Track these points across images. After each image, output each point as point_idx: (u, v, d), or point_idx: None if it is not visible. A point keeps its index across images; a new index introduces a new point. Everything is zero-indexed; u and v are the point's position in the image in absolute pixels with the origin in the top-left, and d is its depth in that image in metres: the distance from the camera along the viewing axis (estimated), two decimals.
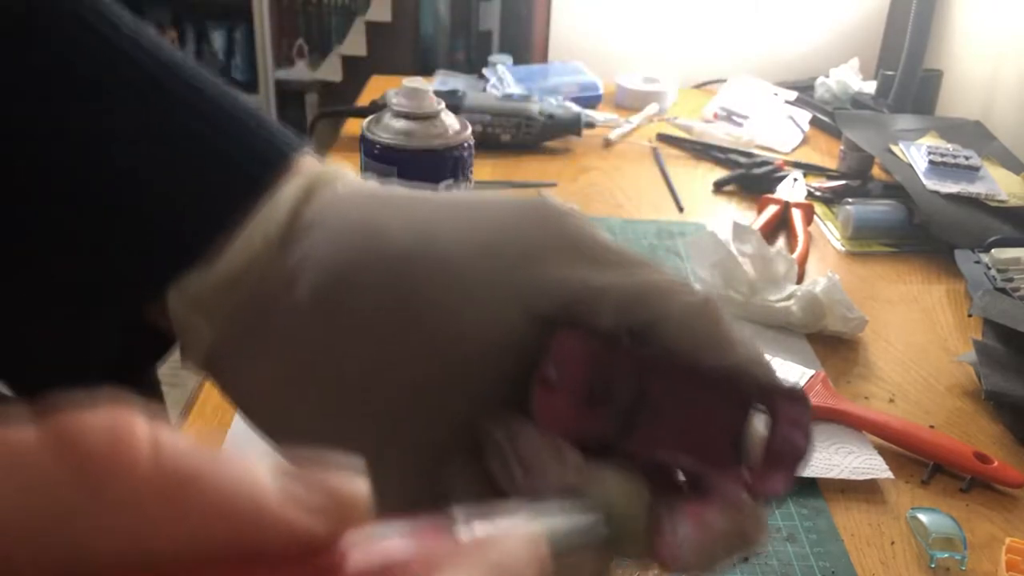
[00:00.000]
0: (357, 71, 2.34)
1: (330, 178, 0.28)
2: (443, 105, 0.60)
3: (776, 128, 1.15)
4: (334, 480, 0.14)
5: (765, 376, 0.26)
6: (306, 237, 0.26)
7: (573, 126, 1.07)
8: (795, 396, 0.26)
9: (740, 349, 0.25)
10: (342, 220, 0.26)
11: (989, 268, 0.78)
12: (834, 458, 0.58)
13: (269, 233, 0.26)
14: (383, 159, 0.60)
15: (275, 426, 0.27)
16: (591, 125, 1.10)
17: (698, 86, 1.36)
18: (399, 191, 0.28)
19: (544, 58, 1.57)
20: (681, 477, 0.26)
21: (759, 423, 0.26)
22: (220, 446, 0.30)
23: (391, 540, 0.15)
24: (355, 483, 0.15)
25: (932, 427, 0.62)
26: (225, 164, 0.27)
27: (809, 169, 1.04)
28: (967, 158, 0.94)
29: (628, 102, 1.24)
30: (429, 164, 0.59)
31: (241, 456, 0.13)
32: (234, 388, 0.27)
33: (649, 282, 0.25)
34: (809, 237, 0.88)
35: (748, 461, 0.26)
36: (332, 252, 0.25)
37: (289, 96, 2.46)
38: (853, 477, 0.57)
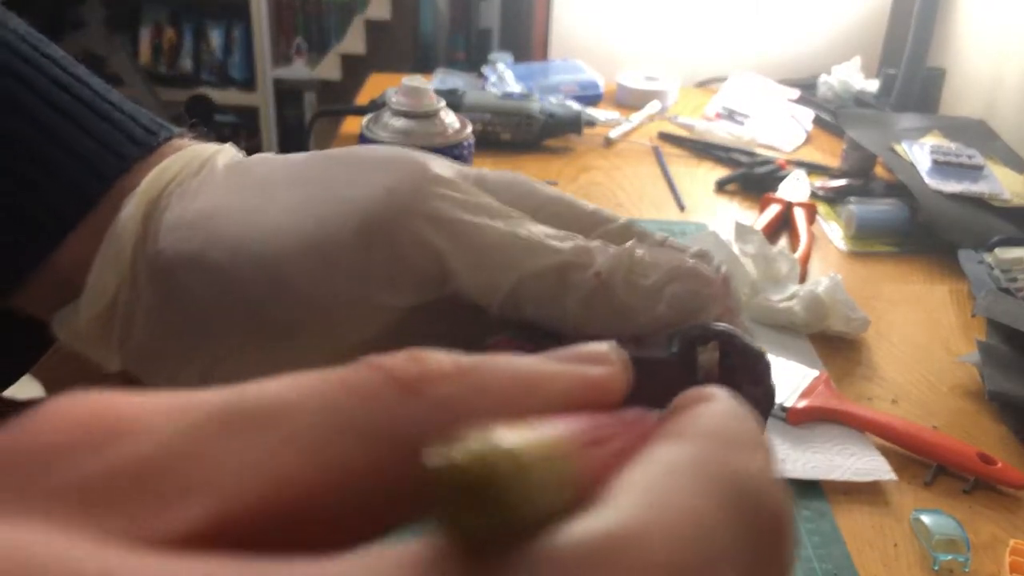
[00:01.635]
0: (356, 69, 2.33)
1: (167, 191, 0.27)
2: (443, 103, 0.60)
3: (778, 127, 1.15)
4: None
5: (705, 330, 0.23)
6: (156, 279, 0.26)
7: (573, 125, 1.07)
8: (746, 350, 0.23)
9: (658, 307, 0.23)
10: (182, 258, 0.26)
11: (993, 268, 0.78)
12: (836, 459, 0.58)
13: (119, 271, 0.26)
14: None
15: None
16: (592, 124, 1.10)
17: (699, 84, 1.36)
18: (238, 198, 0.26)
19: (544, 56, 1.57)
20: None
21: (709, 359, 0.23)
22: None
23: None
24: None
25: (935, 428, 0.61)
26: (58, 170, 0.27)
27: (811, 168, 1.04)
28: (970, 157, 0.94)
29: (629, 100, 1.23)
30: None
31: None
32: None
33: (526, 278, 0.24)
34: (811, 237, 0.87)
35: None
36: (182, 293, 0.26)
37: (288, 95, 2.46)
38: (856, 479, 0.56)
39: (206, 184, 0.27)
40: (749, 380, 0.23)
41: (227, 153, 0.29)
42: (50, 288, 0.27)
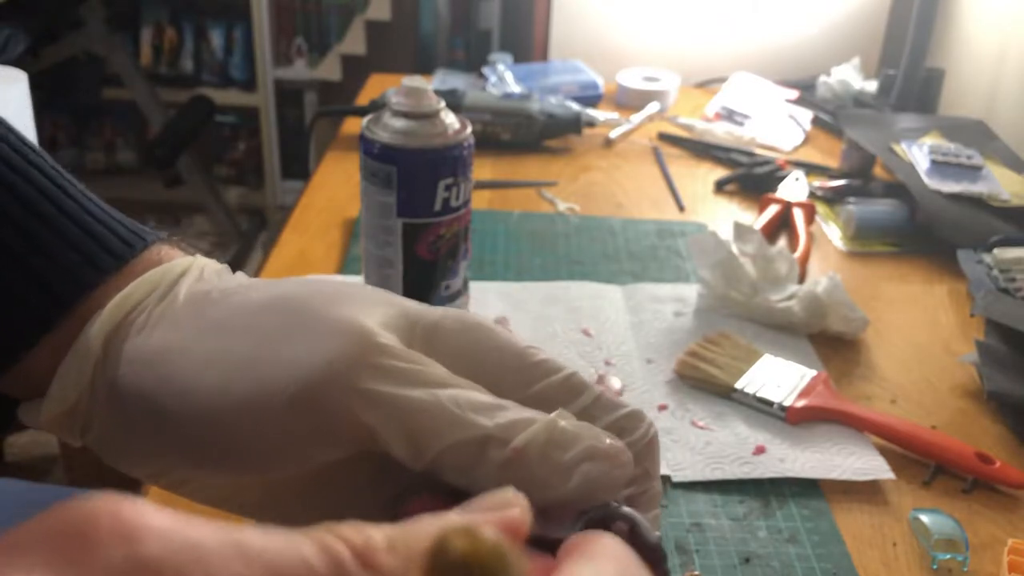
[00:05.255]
0: (356, 70, 2.33)
1: (126, 321, 0.29)
2: (443, 104, 0.60)
3: (777, 127, 1.15)
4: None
5: (609, 514, 0.26)
6: (111, 400, 0.29)
7: (573, 125, 1.07)
8: (646, 545, 0.25)
9: (569, 483, 0.26)
10: (134, 393, 0.29)
11: (991, 268, 0.78)
12: (836, 459, 0.58)
13: (78, 388, 0.29)
14: (382, 158, 0.59)
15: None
16: (591, 124, 1.10)
17: (699, 85, 1.36)
18: (190, 344, 0.29)
19: (544, 56, 1.57)
20: None
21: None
22: None
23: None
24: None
25: (934, 428, 0.61)
26: (52, 267, 0.29)
27: (811, 168, 1.04)
28: (969, 157, 0.94)
29: (629, 101, 1.23)
30: (429, 163, 0.59)
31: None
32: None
33: (449, 449, 0.26)
34: (811, 237, 0.87)
35: None
36: (133, 424, 0.29)
37: (288, 95, 2.46)
38: (855, 478, 0.56)
39: (165, 318, 0.29)
40: (647, 564, 0.25)
41: (192, 274, 0.31)
42: (20, 381, 0.30)
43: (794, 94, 1.24)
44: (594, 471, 0.25)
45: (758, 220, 0.89)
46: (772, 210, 0.91)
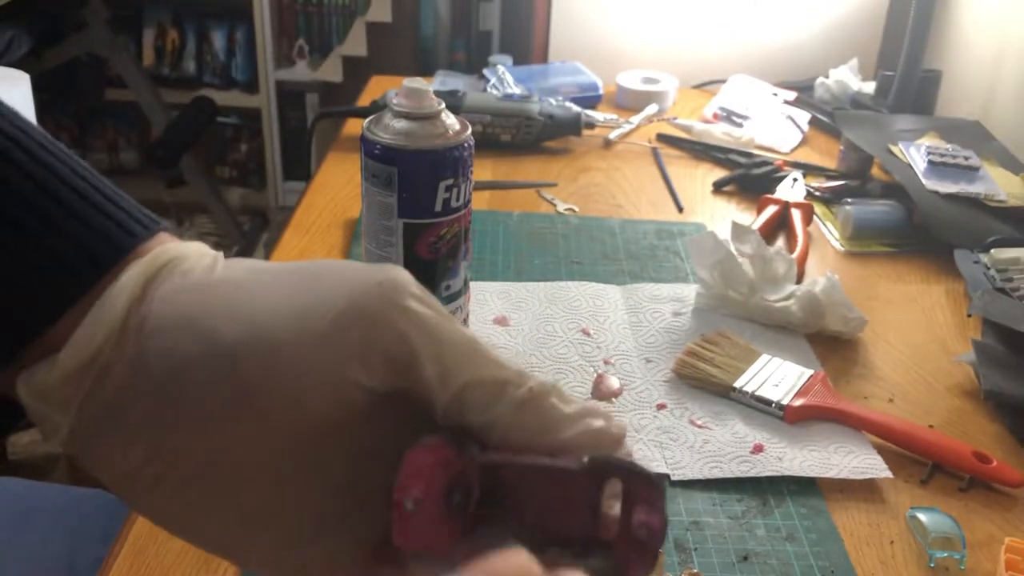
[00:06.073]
0: (357, 71, 2.34)
1: (170, 265, 0.29)
2: (443, 105, 0.60)
3: (776, 128, 1.16)
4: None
5: (611, 457, 0.27)
6: (142, 335, 0.28)
7: (573, 126, 1.08)
8: (646, 479, 0.27)
9: (575, 429, 0.28)
10: (175, 318, 0.28)
11: (988, 268, 0.78)
12: (833, 458, 0.58)
13: (109, 326, 0.27)
14: (383, 159, 0.60)
15: (145, 506, 0.29)
16: (591, 125, 1.10)
17: (698, 86, 1.37)
18: (235, 275, 0.29)
19: (544, 58, 1.57)
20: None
21: (613, 494, 0.27)
22: None
23: None
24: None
25: (931, 427, 0.62)
26: (61, 251, 0.28)
27: (808, 169, 1.05)
28: (966, 158, 0.94)
29: (628, 102, 1.24)
30: (429, 164, 0.59)
31: None
32: (99, 472, 0.29)
33: (473, 382, 0.27)
34: (808, 237, 0.88)
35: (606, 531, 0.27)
36: (167, 349, 0.27)
37: (289, 96, 2.46)
38: (852, 477, 0.57)
39: (203, 264, 0.30)
40: (646, 507, 0.26)
41: (220, 254, 0.31)
42: (34, 361, 0.28)
43: (792, 95, 1.24)
44: (595, 424, 0.28)
45: (756, 220, 0.90)
46: (770, 210, 0.91)
